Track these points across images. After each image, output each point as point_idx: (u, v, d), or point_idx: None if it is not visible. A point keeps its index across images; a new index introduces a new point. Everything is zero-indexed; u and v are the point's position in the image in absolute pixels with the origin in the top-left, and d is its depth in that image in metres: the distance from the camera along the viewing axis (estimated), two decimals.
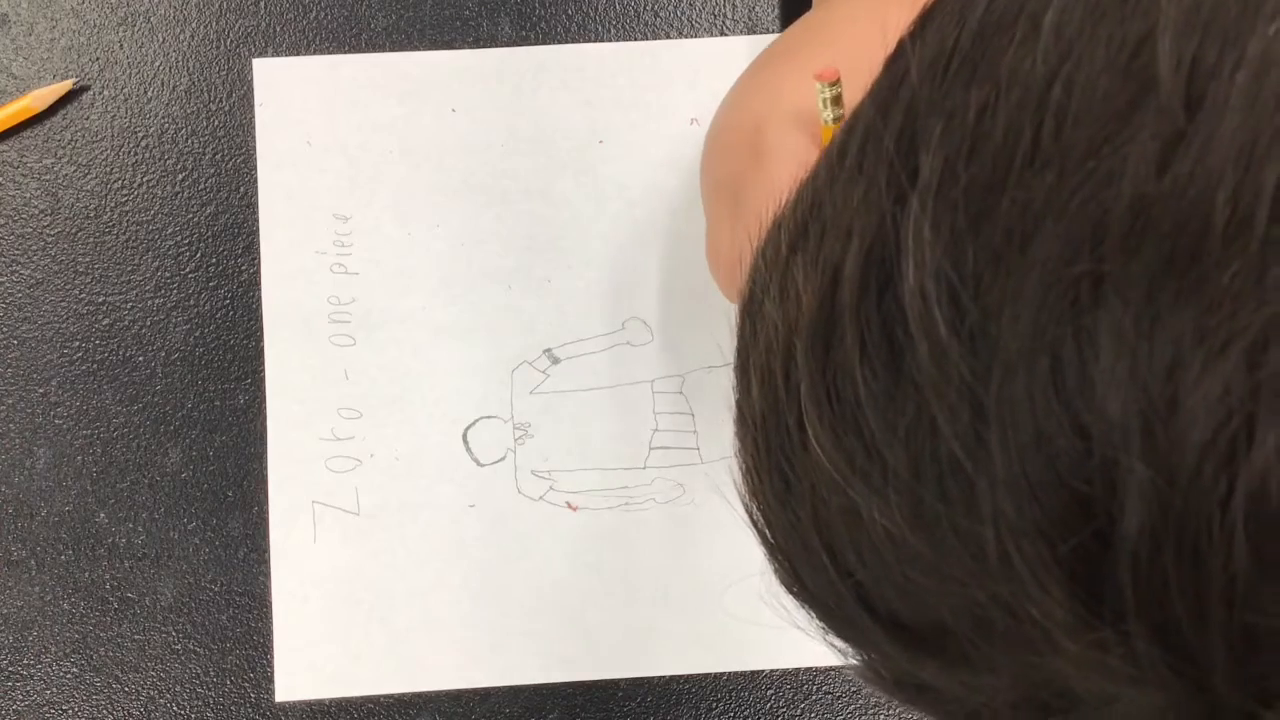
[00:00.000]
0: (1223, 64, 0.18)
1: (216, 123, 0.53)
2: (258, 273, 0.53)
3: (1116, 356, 0.18)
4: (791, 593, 0.26)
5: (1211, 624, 0.18)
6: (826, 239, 0.23)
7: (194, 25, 0.53)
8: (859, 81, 0.25)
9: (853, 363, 0.21)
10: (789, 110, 0.40)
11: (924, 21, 0.24)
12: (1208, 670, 0.18)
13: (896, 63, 0.23)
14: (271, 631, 0.52)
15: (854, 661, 0.25)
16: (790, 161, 0.40)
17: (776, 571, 0.26)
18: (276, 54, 0.53)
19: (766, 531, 0.26)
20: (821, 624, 0.25)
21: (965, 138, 0.21)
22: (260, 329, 0.53)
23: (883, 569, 0.22)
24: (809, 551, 0.24)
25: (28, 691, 0.52)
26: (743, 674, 0.53)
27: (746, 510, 0.26)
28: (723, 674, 0.53)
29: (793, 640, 0.26)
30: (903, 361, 0.21)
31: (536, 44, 0.54)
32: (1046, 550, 0.19)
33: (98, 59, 0.53)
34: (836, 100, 0.36)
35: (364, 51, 0.54)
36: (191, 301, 0.53)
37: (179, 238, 0.53)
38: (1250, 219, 0.17)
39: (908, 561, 0.21)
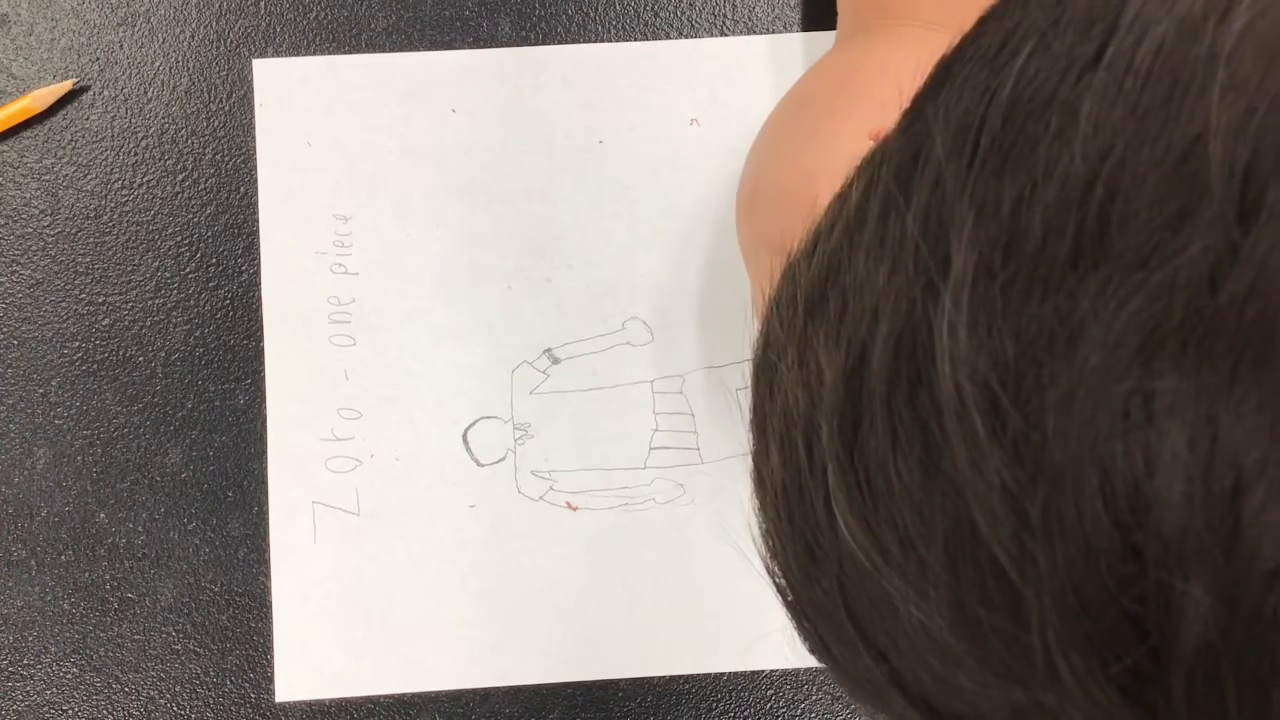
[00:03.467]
0: (1279, 173, 0.17)
1: (216, 123, 0.53)
2: (258, 273, 0.53)
3: (1171, 477, 0.17)
4: (816, 657, 0.25)
5: None
6: (849, 314, 0.22)
7: (194, 25, 0.53)
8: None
9: (885, 455, 0.21)
10: (843, 169, 0.39)
11: (941, 80, 0.22)
12: None
13: (915, 126, 0.22)
14: (271, 631, 0.52)
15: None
16: None
17: (800, 634, 0.25)
18: (276, 54, 0.53)
19: (789, 595, 0.25)
20: (848, 691, 0.25)
21: (1001, 232, 0.20)
22: (260, 329, 0.53)
23: (918, 658, 0.21)
24: (838, 627, 0.23)
25: (28, 691, 0.52)
26: (743, 674, 0.53)
27: (767, 570, 0.25)
28: (723, 674, 0.53)
29: (793, 640, 0.26)
30: (940, 460, 0.20)
31: (536, 44, 0.54)
32: (1097, 665, 0.18)
33: (98, 59, 0.53)
34: None
35: (364, 51, 0.54)
36: (191, 301, 0.53)
37: (179, 238, 0.53)
38: None
39: (945, 657, 0.21)
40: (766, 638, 0.52)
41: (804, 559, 0.23)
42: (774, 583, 0.25)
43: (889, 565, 0.21)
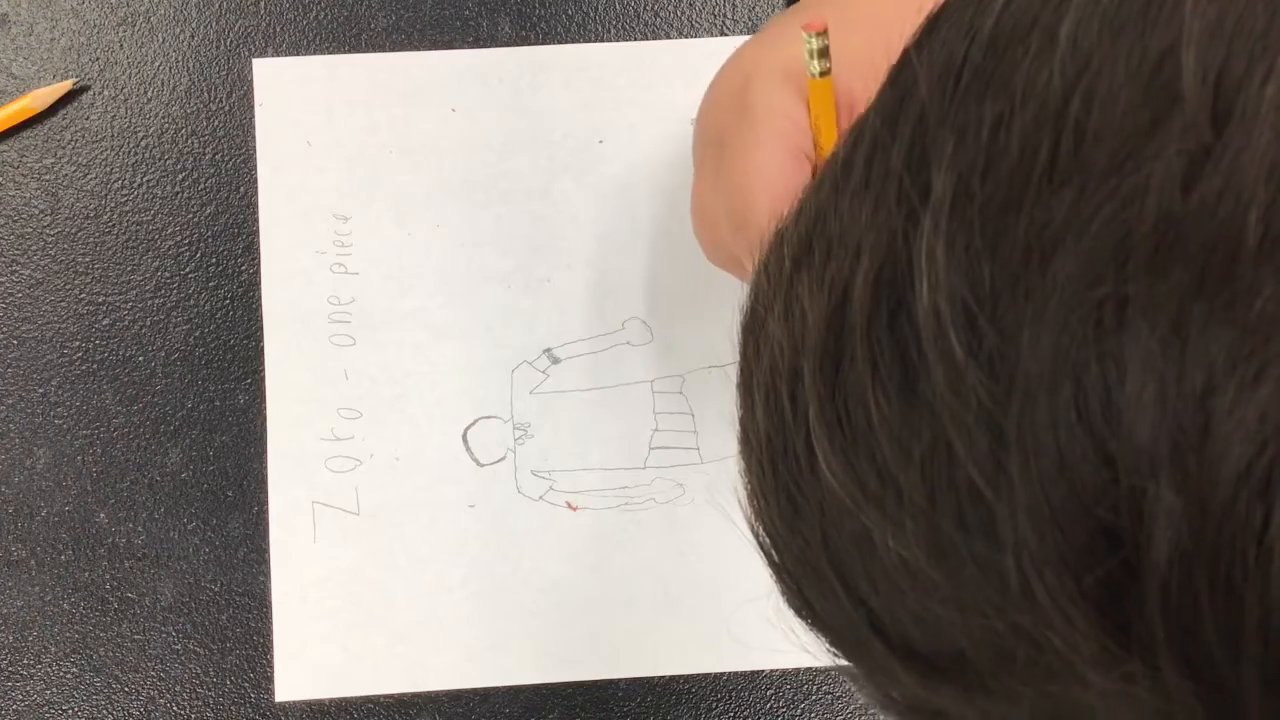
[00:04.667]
0: (1251, 77, 0.17)
1: (216, 123, 0.53)
2: (258, 273, 0.53)
3: (1143, 382, 0.17)
4: (800, 616, 0.25)
5: (1245, 656, 0.17)
6: (833, 257, 0.22)
7: (194, 25, 0.53)
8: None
9: (864, 386, 0.21)
10: (778, 64, 0.40)
11: (929, 30, 0.23)
12: (1240, 703, 0.18)
13: (902, 74, 0.23)
14: (271, 631, 0.52)
15: (865, 685, 0.24)
16: (774, 114, 0.39)
17: (784, 594, 0.25)
18: (276, 54, 0.54)
19: (773, 554, 0.25)
20: (831, 649, 0.25)
21: (979, 153, 0.20)
22: (260, 329, 0.53)
23: (897, 597, 0.22)
24: (819, 577, 0.23)
25: (28, 691, 0.52)
26: (743, 674, 0.53)
27: (752, 531, 0.26)
28: (723, 674, 0.53)
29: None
30: (917, 385, 0.20)
31: (536, 44, 0.54)
32: (1071, 581, 0.18)
33: (98, 59, 0.53)
34: (823, 53, 0.35)
35: (364, 51, 0.54)
36: (191, 301, 0.53)
37: (179, 238, 0.53)
38: None
39: (924, 590, 0.21)
40: (764, 636, 0.52)
41: (786, 510, 0.24)
42: (758, 543, 0.25)
43: (867, 499, 0.21)
